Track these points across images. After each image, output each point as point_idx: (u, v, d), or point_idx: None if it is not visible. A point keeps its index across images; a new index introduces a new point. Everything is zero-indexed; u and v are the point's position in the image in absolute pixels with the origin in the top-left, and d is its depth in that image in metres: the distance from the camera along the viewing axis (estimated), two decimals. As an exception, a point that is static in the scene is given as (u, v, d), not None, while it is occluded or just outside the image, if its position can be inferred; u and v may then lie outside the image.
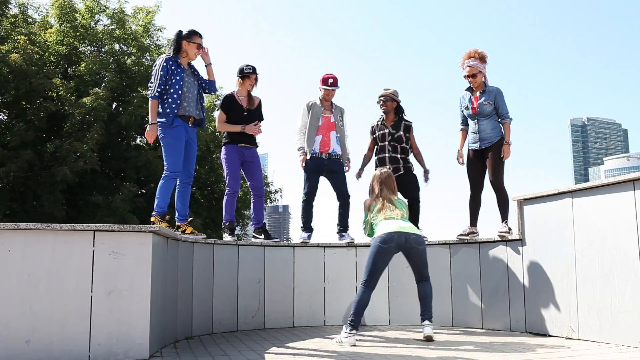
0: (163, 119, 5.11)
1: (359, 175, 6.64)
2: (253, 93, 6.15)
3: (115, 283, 3.86)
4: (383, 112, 6.37)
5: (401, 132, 6.30)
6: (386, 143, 6.30)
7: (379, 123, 6.43)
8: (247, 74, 6.05)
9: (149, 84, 5.24)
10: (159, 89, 5.08)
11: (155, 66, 5.19)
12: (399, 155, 6.27)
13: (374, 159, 6.49)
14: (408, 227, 4.83)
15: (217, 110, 6.17)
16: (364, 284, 4.77)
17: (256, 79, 6.10)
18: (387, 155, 6.27)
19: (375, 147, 6.47)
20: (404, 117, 6.39)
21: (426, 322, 4.73)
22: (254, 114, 6.14)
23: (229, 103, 6.06)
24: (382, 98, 6.36)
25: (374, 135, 6.46)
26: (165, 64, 5.12)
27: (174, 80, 5.13)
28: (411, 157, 6.45)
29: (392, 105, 6.34)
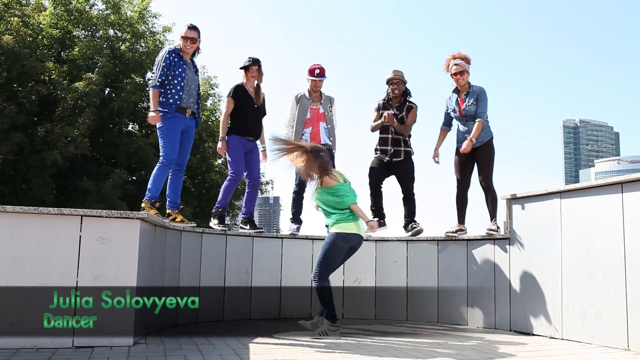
0: (165, 110, 5.19)
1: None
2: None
3: (102, 269, 3.86)
4: (394, 95, 6.24)
5: (404, 114, 6.24)
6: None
7: (385, 102, 6.36)
8: (247, 67, 5.99)
9: (151, 74, 5.33)
10: (159, 79, 5.18)
11: (158, 57, 5.30)
12: (401, 137, 6.21)
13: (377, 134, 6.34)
14: (361, 227, 4.86)
15: (227, 97, 6.02)
16: (322, 278, 4.70)
17: (258, 71, 6.03)
18: (390, 136, 6.20)
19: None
20: (409, 99, 6.31)
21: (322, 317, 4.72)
22: (261, 109, 6.12)
23: (240, 93, 5.97)
24: (395, 81, 6.23)
25: (380, 112, 6.33)
26: (167, 55, 5.24)
27: (176, 73, 5.23)
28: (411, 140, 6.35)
29: (402, 87, 6.27)
